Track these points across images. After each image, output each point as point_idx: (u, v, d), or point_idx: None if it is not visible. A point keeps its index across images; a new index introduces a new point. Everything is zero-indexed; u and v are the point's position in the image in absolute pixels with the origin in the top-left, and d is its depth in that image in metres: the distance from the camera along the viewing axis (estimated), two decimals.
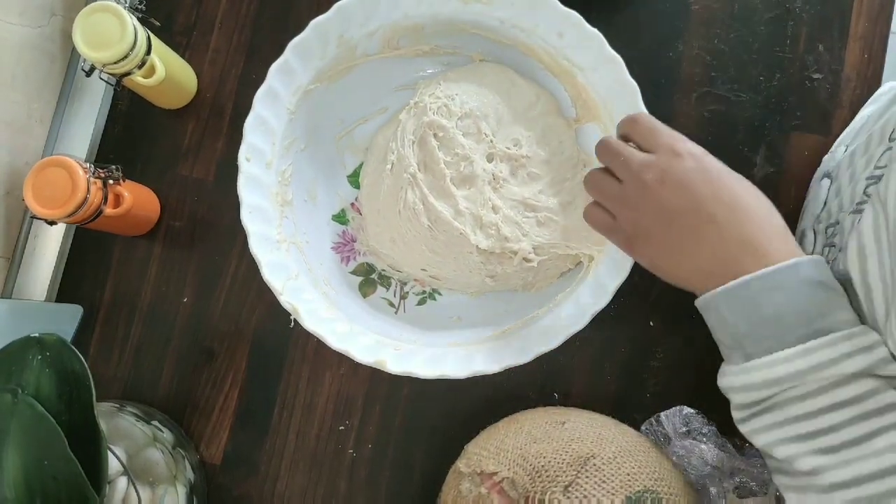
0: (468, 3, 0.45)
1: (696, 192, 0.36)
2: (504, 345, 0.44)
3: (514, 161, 0.47)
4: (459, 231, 0.45)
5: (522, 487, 0.38)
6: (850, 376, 0.32)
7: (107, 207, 0.47)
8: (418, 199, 0.46)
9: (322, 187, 0.51)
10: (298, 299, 0.45)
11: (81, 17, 0.45)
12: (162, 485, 0.47)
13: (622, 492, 0.37)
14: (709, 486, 0.44)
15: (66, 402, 0.43)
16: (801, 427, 0.33)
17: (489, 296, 0.49)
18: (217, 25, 0.55)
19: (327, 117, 0.50)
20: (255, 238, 0.44)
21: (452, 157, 0.46)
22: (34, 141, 0.53)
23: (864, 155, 0.40)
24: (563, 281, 0.48)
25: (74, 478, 0.39)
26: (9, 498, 0.41)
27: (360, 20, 0.46)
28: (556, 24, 0.44)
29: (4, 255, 0.52)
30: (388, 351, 0.45)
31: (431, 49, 0.49)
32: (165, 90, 0.51)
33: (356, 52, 0.47)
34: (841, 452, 0.31)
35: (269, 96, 0.45)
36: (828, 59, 0.52)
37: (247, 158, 0.45)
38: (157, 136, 0.54)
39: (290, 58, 0.45)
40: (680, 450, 0.45)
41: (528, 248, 0.46)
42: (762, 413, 0.34)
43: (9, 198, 0.51)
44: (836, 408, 0.32)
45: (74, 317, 0.52)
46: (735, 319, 0.34)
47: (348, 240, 0.51)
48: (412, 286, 0.50)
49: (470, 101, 0.47)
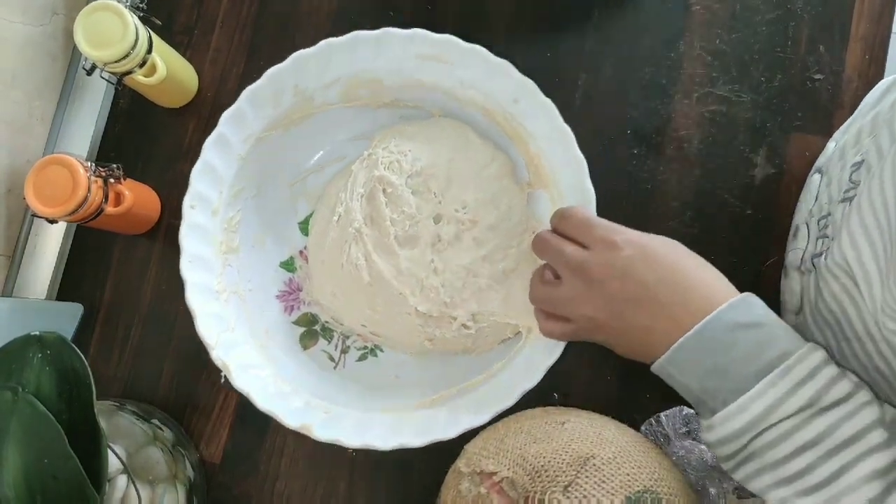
0: (426, 61, 0.45)
1: (640, 279, 0.37)
2: (433, 415, 0.44)
3: (461, 224, 0.46)
4: (399, 291, 0.45)
5: (522, 487, 0.38)
6: (810, 416, 0.33)
7: (107, 206, 0.47)
8: (361, 255, 0.45)
9: (271, 234, 0.50)
10: (230, 355, 0.44)
11: (83, 15, 0.45)
12: (162, 483, 0.47)
13: (622, 492, 0.37)
14: (708, 487, 0.44)
15: (66, 400, 0.43)
16: (781, 472, 0.33)
17: (429, 356, 0.48)
18: (218, 24, 0.55)
19: (281, 163, 0.49)
20: (192, 289, 0.43)
21: (399, 214, 0.46)
22: (35, 139, 0.53)
23: (854, 147, 0.40)
24: (505, 347, 0.47)
25: (74, 476, 0.39)
26: (9, 496, 0.41)
27: (317, 71, 0.45)
28: (511, 91, 0.44)
29: (5, 254, 0.52)
30: (317, 415, 0.44)
31: (391, 101, 0.48)
32: (166, 89, 0.51)
33: (314, 102, 0.47)
34: (821, 492, 0.32)
35: (220, 143, 0.44)
36: (829, 60, 0.52)
37: (191, 206, 0.44)
38: (158, 135, 0.54)
39: (243, 106, 0.44)
40: (680, 450, 0.45)
41: (466, 314, 0.46)
42: (746, 462, 0.35)
43: (10, 196, 0.51)
44: (804, 450, 0.33)
45: (75, 315, 0.52)
46: (685, 380, 0.36)
47: (294, 288, 0.50)
48: (354, 340, 0.49)
49: (422, 159, 0.46)
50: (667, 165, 0.52)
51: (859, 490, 0.31)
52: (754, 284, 0.50)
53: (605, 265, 0.37)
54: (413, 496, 0.50)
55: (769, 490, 0.34)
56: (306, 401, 0.45)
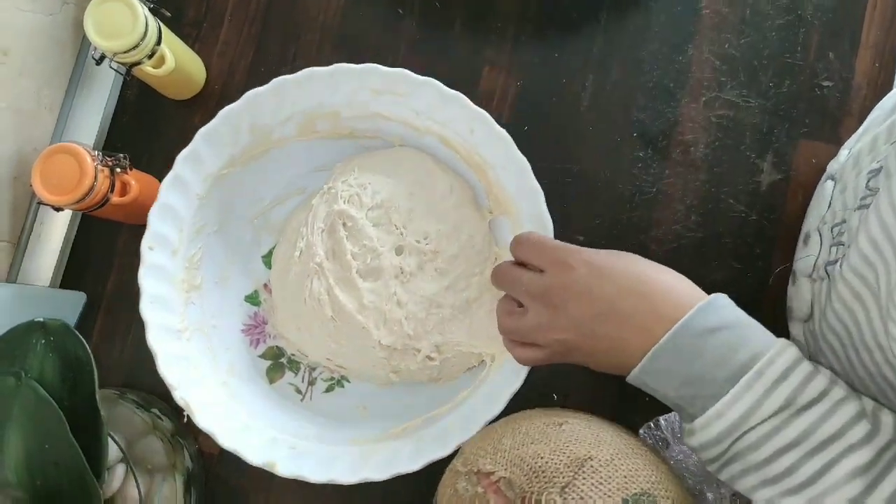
0: (381, 94, 0.44)
1: (600, 295, 0.37)
2: (398, 447, 0.44)
3: (423, 255, 0.46)
4: (362, 325, 0.45)
5: (519, 488, 0.38)
6: (788, 417, 0.32)
7: (113, 195, 0.47)
8: (323, 290, 0.45)
9: (235, 268, 0.50)
10: (193, 394, 0.44)
11: (93, 5, 0.45)
12: (160, 473, 0.47)
13: (619, 494, 0.37)
14: (706, 492, 0.44)
15: (68, 387, 0.44)
16: (766, 472, 0.33)
17: (396, 385, 0.48)
18: (227, 17, 0.55)
19: (242, 198, 0.49)
20: (153, 330, 0.43)
21: (360, 248, 0.46)
22: (42, 128, 0.53)
23: (869, 154, 0.40)
24: (471, 375, 0.47)
25: (75, 463, 0.40)
26: (10, 481, 0.41)
27: (272, 108, 0.45)
28: (467, 121, 0.44)
29: (10, 241, 0.52)
30: (282, 450, 0.44)
31: (350, 133, 0.48)
32: (174, 81, 0.52)
33: (272, 137, 0.47)
34: (805, 492, 0.32)
35: (177, 184, 0.44)
36: (838, 67, 0.51)
37: (150, 247, 0.44)
38: (165, 127, 0.55)
39: (198, 146, 0.44)
40: (678, 454, 0.45)
41: (430, 346, 0.46)
42: (730, 463, 0.35)
43: (16, 183, 0.51)
44: (787, 450, 0.33)
45: (78, 303, 0.53)
46: (661, 389, 0.36)
47: (259, 322, 0.50)
48: (321, 372, 0.49)
49: (382, 192, 0.46)
50: (672, 169, 0.52)
51: (841, 489, 0.31)
52: (759, 290, 0.50)
53: (563, 287, 0.37)
54: (409, 495, 0.50)
55: (755, 490, 0.34)
56: (271, 437, 0.45)
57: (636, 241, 0.51)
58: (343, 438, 0.46)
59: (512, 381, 0.43)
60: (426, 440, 0.44)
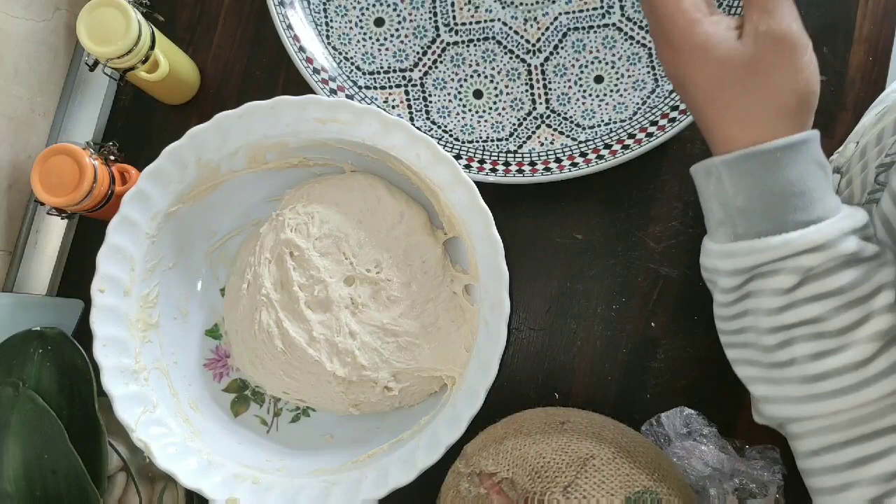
0: (326, 124, 0.44)
1: (773, 80, 0.31)
2: (362, 476, 0.43)
3: (375, 284, 0.46)
4: (314, 358, 0.44)
5: (522, 488, 0.38)
6: (840, 265, 0.30)
7: (116, 187, 0.47)
8: (272, 322, 0.45)
9: (194, 303, 0.49)
10: (151, 435, 0.43)
11: (86, 11, 0.45)
12: (161, 481, 0.47)
13: (621, 492, 0.37)
14: (708, 488, 0.44)
15: (66, 396, 0.44)
16: (786, 317, 0.31)
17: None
18: (221, 21, 0.55)
19: (196, 233, 0.48)
20: (108, 373, 0.42)
21: (308, 279, 0.45)
22: (37, 135, 0.53)
23: (875, 146, 0.40)
24: (434, 399, 0.47)
25: (74, 472, 0.40)
26: (9, 491, 0.41)
27: (216, 144, 0.44)
28: (411, 146, 0.43)
29: (6, 249, 0.52)
30: (246, 485, 0.43)
31: (300, 162, 0.47)
32: (169, 85, 0.51)
33: (220, 171, 0.46)
34: (839, 337, 0.30)
35: (124, 224, 0.44)
36: (832, 62, 0.52)
37: (100, 290, 0.43)
38: (160, 132, 0.54)
39: (144, 186, 0.44)
40: (680, 451, 0.45)
41: (387, 376, 0.45)
42: (744, 299, 0.33)
43: (11, 191, 0.51)
44: (823, 297, 0.30)
45: (75, 311, 0.52)
46: (735, 191, 0.32)
47: (222, 355, 0.49)
48: (286, 402, 0.49)
49: (330, 221, 0.46)
50: (669, 165, 0.52)
51: (868, 345, 0.30)
52: None
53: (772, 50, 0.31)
54: (412, 496, 0.50)
55: (763, 328, 0.32)
56: (234, 472, 0.44)
57: (634, 238, 0.51)
58: (308, 468, 0.45)
59: (473, 402, 0.42)
60: (391, 466, 0.43)
